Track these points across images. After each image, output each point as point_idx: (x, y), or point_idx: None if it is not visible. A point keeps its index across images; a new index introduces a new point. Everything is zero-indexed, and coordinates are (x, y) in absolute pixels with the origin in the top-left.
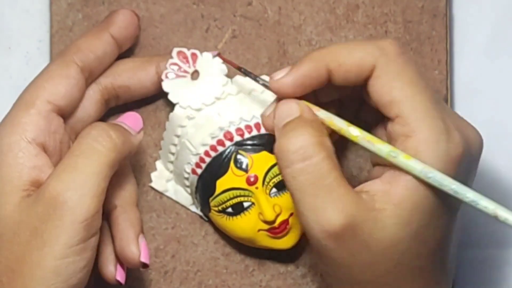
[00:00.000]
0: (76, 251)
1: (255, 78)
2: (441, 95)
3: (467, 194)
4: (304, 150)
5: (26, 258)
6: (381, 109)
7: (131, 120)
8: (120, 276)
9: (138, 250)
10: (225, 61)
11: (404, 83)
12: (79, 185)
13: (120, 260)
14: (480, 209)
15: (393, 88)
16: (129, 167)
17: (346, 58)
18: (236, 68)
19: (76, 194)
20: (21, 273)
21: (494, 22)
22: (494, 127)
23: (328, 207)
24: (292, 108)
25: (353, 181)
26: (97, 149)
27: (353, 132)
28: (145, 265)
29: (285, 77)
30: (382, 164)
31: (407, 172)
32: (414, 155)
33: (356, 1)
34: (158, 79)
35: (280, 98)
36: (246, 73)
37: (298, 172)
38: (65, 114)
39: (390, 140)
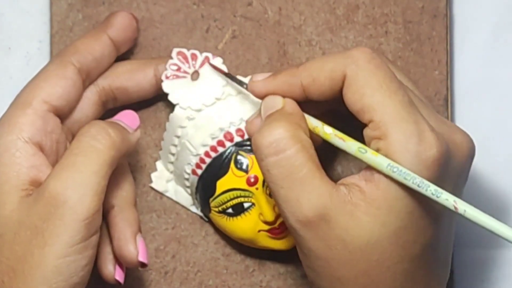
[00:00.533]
0: (78, 249)
1: (240, 83)
2: (441, 95)
3: (429, 187)
4: (277, 144)
5: (27, 257)
6: (356, 115)
7: (128, 118)
8: (119, 275)
9: (136, 250)
10: (214, 68)
11: (374, 88)
12: (79, 183)
13: (118, 260)
14: (442, 203)
15: (363, 95)
16: (127, 167)
17: (318, 72)
18: (224, 74)
19: (76, 193)
20: (23, 273)
21: (494, 22)
22: (494, 127)
23: (301, 198)
24: (276, 101)
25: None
26: (96, 147)
27: (327, 130)
28: (143, 265)
29: (260, 82)
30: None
31: (375, 169)
32: (385, 157)
33: (356, 2)
34: (156, 82)
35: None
36: (232, 79)
37: (272, 165)
38: (62, 114)
39: (366, 144)
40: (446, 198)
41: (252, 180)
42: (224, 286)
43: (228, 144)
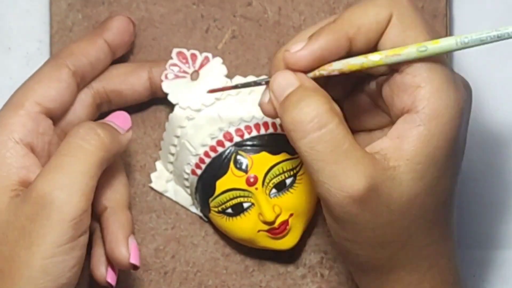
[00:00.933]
0: (65, 250)
1: (255, 83)
2: None
3: (509, 29)
4: (319, 119)
5: (15, 257)
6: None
7: (119, 119)
8: (110, 278)
9: (128, 252)
10: (217, 90)
11: (418, 32)
12: (66, 184)
13: (111, 262)
14: None
15: (408, 37)
16: (121, 168)
17: (363, 19)
18: (231, 89)
19: (63, 193)
20: (10, 273)
21: (494, 23)
22: (495, 127)
23: (350, 172)
24: (290, 79)
25: None
26: (85, 148)
27: (375, 58)
28: (135, 267)
29: (302, 50)
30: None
31: (439, 60)
32: (426, 105)
33: (356, 2)
34: (150, 85)
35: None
36: (244, 86)
37: (316, 141)
38: (55, 116)
39: (398, 92)
40: None
41: (252, 180)
42: (223, 286)
43: (227, 144)
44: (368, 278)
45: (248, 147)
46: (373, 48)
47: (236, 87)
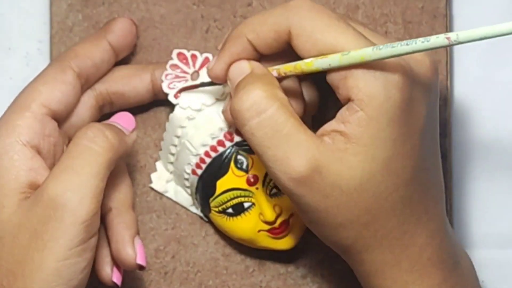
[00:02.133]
0: (77, 252)
1: (209, 84)
2: (441, 95)
3: (416, 40)
4: (258, 105)
5: (27, 260)
6: None
7: (124, 120)
8: (116, 278)
9: (134, 252)
10: (187, 88)
11: (324, 31)
12: (78, 186)
13: (116, 262)
14: (436, 45)
15: (316, 41)
16: (125, 169)
17: (261, 26)
18: (196, 87)
19: (75, 196)
20: (22, 276)
21: (494, 23)
22: (495, 127)
23: (290, 155)
24: (242, 66)
25: None
26: (94, 150)
27: (307, 60)
28: (141, 267)
29: (216, 64)
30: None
31: (358, 65)
32: (358, 92)
33: (356, 2)
34: (152, 87)
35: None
36: (204, 85)
37: (255, 128)
38: (60, 118)
39: (335, 86)
40: (436, 37)
41: (252, 180)
42: (224, 287)
43: (228, 144)
44: (347, 258)
45: (249, 147)
46: (285, 53)
47: (201, 85)
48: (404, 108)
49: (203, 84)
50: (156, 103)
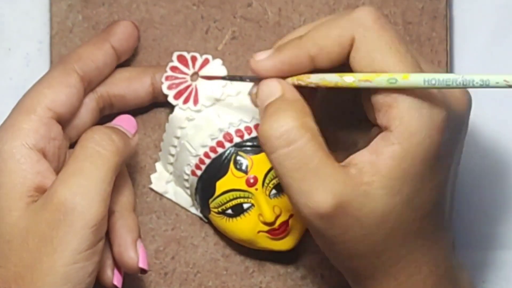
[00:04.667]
0: (86, 256)
1: (240, 79)
2: None
3: (475, 79)
4: (288, 135)
5: (36, 264)
6: None
7: (126, 122)
8: (117, 281)
9: (136, 256)
10: (207, 78)
11: (384, 53)
12: (87, 190)
13: (117, 265)
14: (494, 86)
15: (374, 60)
16: (126, 172)
17: (325, 40)
18: (220, 79)
19: (84, 200)
20: (31, 280)
21: (494, 23)
22: (494, 127)
23: (316, 189)
24: (273, 88)
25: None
26: (102, 154)
27: (348, 79)
28: (143, 271)
29: (265, 60)
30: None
31: (407, 93)
32: (399, 124)
33: (356, 3)
34: (152, 90)
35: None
36: (231, 79)
37: (283, 157)
38: (64, 121)
39: (375, 110)
40: (496, 81)
41: (252, 181)
42: (223, 287)
43: (227, 145)
44: (351, 281)
45: (248, 148)
46: (340, 66)
47: (224, 78)
48: (439, 149)
49: (230, 77)
50: (156, 104)
